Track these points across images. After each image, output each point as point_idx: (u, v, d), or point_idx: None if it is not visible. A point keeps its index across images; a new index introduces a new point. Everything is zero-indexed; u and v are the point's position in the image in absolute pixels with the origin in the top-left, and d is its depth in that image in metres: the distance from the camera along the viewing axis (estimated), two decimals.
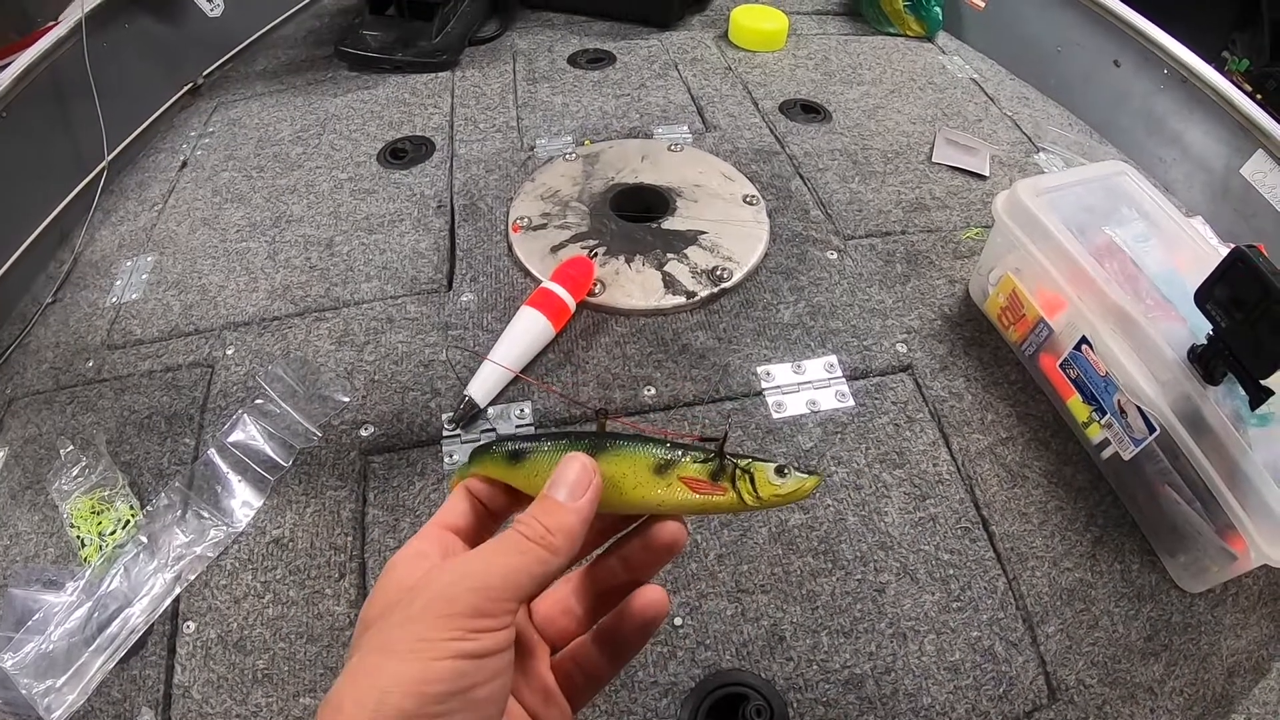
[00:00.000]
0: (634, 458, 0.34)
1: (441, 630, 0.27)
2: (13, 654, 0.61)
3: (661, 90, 1.18)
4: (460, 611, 0.28)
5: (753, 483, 0.34)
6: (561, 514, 0.31)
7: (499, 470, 0.35)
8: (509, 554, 0.30)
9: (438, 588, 0.29)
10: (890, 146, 1.09)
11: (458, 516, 0.35)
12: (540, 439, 0.36)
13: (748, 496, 0.34)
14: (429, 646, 0.27)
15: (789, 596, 0.64)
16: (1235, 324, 0.59)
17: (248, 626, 0.62)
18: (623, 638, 0.36)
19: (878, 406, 0.77)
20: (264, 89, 1.23)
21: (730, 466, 0.34)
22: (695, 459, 0.34)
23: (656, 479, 0.34)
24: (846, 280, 0.88)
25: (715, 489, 0.34)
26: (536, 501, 0.32)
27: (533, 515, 0.31)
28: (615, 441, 0.35)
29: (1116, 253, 0.73)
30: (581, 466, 0.33)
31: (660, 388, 0.77)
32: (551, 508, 0.31)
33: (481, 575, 0.29)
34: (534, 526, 0.31)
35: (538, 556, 0.30)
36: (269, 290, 0.88)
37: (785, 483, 0.34)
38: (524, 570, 0.30)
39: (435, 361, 0.79)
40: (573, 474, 0.32)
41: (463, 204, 0.97)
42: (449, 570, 0.29)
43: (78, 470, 0.72)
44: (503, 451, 0.35)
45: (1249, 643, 0.65)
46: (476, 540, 0.35)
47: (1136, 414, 0.67)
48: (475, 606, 0.28)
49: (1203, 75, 1.02)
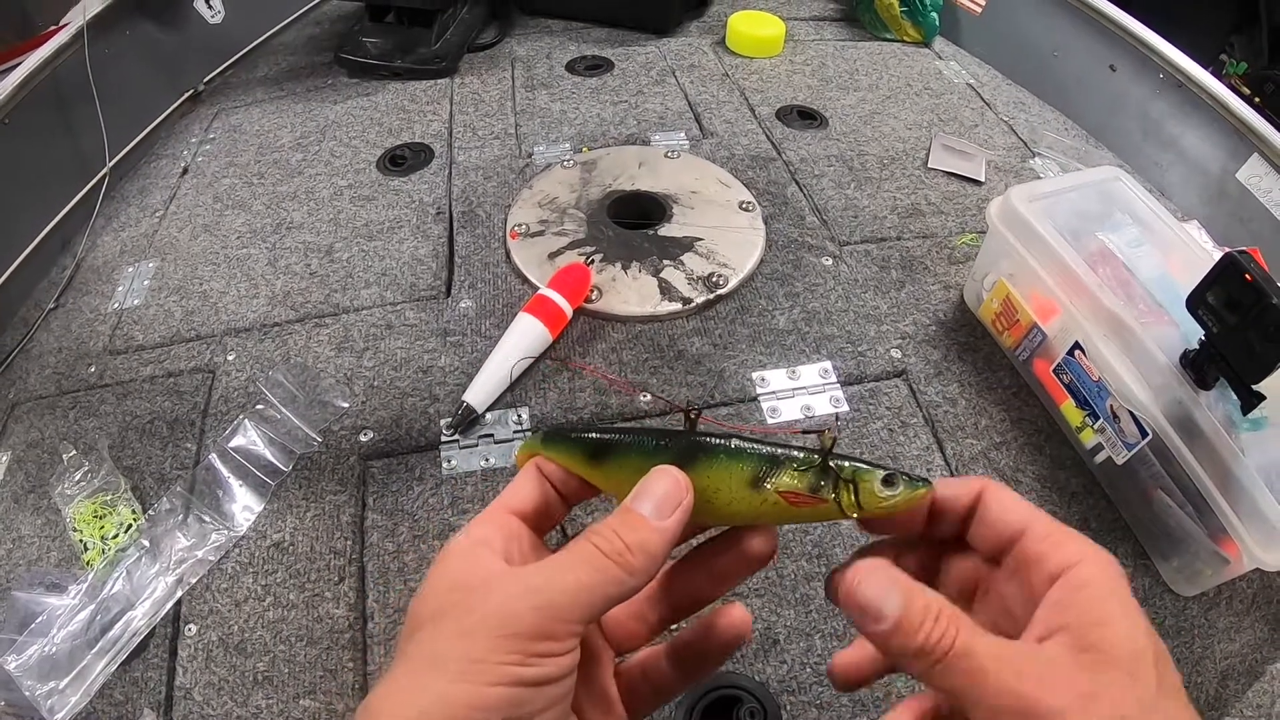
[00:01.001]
0: (728, 469, 0.31)
1: (499, 652, 0.25)
2: (16, 656, 0.61)
3: (659, 97, 1.19)
4: (521, 632, 0.25)
5: (856, 493, 0.31)
6: (645, 532, 0.28)
7: (576, 463, 0.33)
8: (581, 570, 0.27)
9: (498, 601, 0.26)
10: (886, 152, 1.09)
11: (525, 499, 0.32)
12: (626, 433, 0.32)
13: (850, 509, 0.31)
14: (482, 669, 0.25)
15: (783, 600, 0.65)
16: (1227, 329, 0.59)
17: (248, 629, 0.63)
18: (702, 654, 0.33)
19: (872, 412, 0.77)
20: (264, 95, 1.24)
21: (833, 475, 0.31)
22: (796, 466, 0.31)
23: (751, 492, 0.31)
24: (842, 286, 0.89)
25: (815, 500, 0.31)
26: (619, 513, 0.29)
27: (612, 529, 0.28)
28: (708, 447, 0.31)
29: (1110, 258, 0.74)
30: (674, 482, 0.29)
31: (656, 394, 0.78)
32: (635, 523, 0.28)
33: (548, 592, 0.26)
34: (612, 541, 0.28)
35: (613, 576, 0.27)
36: (269, 296, 0.88)
37: (894, 494, 0.31)
38: (596, 590, 0.27)
39: (434, 367, 0.80)
40: (662, 488, 0.29)
41: (461, 211, 0.98)
42: (513, 581, 0.27)
43: (80, 475, 0.73)
44: (585, 444, 0.32)
45: (1242, 646, 0.66)
46: (544, 526, 0.33)
47: (1129, 419, 0.67)
48: (539, 627, 0.26)
49: (1198, 79, 1.02)
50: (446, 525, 0.68)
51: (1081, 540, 0.29)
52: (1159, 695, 0.25)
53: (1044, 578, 0.28)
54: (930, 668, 0.27)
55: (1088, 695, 0.25)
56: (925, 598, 0.28)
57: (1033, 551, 0.29)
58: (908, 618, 0.27)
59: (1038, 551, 0.29)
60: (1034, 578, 0.29)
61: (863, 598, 0.28)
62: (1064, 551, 0.28)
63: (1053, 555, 0.28)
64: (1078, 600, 0.27)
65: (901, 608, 0.27)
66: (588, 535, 0.28)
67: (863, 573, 0.29)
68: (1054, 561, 0.28)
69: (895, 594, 0.28)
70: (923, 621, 0.27)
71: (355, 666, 0.61)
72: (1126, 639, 0.26)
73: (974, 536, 0.32)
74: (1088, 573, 0.28)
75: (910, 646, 0.27)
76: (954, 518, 0.32)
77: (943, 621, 0.27)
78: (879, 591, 0.28)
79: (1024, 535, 0.30)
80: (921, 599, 0.28)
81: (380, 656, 0.62)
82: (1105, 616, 0.26)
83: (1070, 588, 0.27)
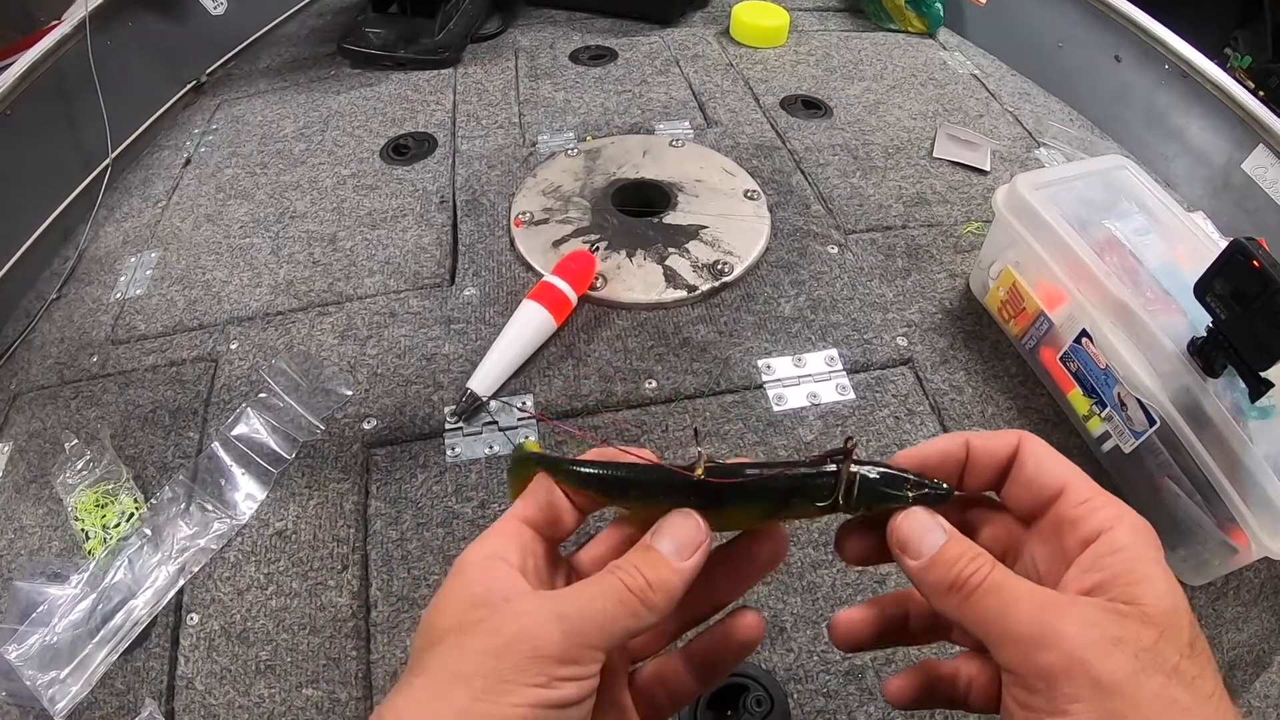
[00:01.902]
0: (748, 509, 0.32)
1: (525, 673, 0.26)
2: (17, 646, 0.61)
3: (663, 86, 1.19)
4: (549, 655, 0.26)
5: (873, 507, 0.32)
6: (666, 572, 0.29)
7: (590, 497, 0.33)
8: (607, 600, 0.28)
9: (527, 624, 0.27)
10: (891, 142, 1.09)
11: (538, 509, 0.32)
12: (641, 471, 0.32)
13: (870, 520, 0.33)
14: (507, 689, 0.25)
15: (789, 588, 0.64)
16: (1235, 317, 0.59)
17: (251, 618, 0.63)
18: (717, 659, 0.34)
19: (878, 399, 0.77)
20: (267, 86, 1.24)
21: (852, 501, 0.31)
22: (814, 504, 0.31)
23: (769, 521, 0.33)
24: (847, 274, 0.89)
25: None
26: (641, 549, 0.30)
27: (635, 565, 0.29)
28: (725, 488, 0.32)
29: (1116, 246, 0.73)
30: (695, 525, 0.31)
31: (661, 381, 0.77)
32: (656, 562, 0.29)
33: (576, 619, 0.27)
34: (636, 578, 0.29)
35: (634, 610, 0.28)
36: (272, 285, 0.88)
37: None
38: (619, 621, 0.28)
39: (438, 355, 0.80)
40: (684, 531, 0.30)
41: (465, 199, 0.98)
42: (541, 605, 0.28)
43: (82, 464, 0.72)
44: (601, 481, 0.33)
45: (1250, 636, 0.66)
46: (558, 537, 0.33)
47: (1137, 407, 0.67)
48: (565, 652, 0.26)
49: (1203, 70, 1.02)
50: (450, 513, 0.68)
51: (1118, 504, 0.29)
52: (1190, 655, 0.25)
53: (1078, 541, 0.29)
54: (962, 602, 0.28)
55: (1114, 639, 0.25)
56: (963, 539, 0.30)
57: (1069, 515, 0.29)
58: (945, 552, 0.29)
59: (1074, 515, 0.29)
60: (1068, 541, 0.29)
61: (906, 532, 0.30)
62: (1101, 515, 0.29)
63: (1089, 519, 0.29)
64: (1113, 562, 0.27)
65: (939, 545, 0.29)
66: (612, 569, 0.29)
67: (906, 513, 0.31)
68: (1090, 525, 0.29)
69: (936, 531, 0.30)
70: (960, 556, 0.28)
71: (358, 655, 0.61)
72: (1162, 597, 0.26)
73: (1008, 495, 0.32)
74: (1124, 536, 0.28)
75: (946, 579, 0.28)
76: (990, 472, 0.32)
77: (980, 559, 0.28)
78: (920, 528, 0.30)
79: (1061, 497, 0.30)
80: (959, 538, 0.30)
81: (383, 645, 0.61)
82: (1141, 576, 0.27)
83: (1106, 550, 0.28)
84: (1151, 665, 0.25)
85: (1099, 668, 0.24)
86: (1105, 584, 0.27)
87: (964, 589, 0.28)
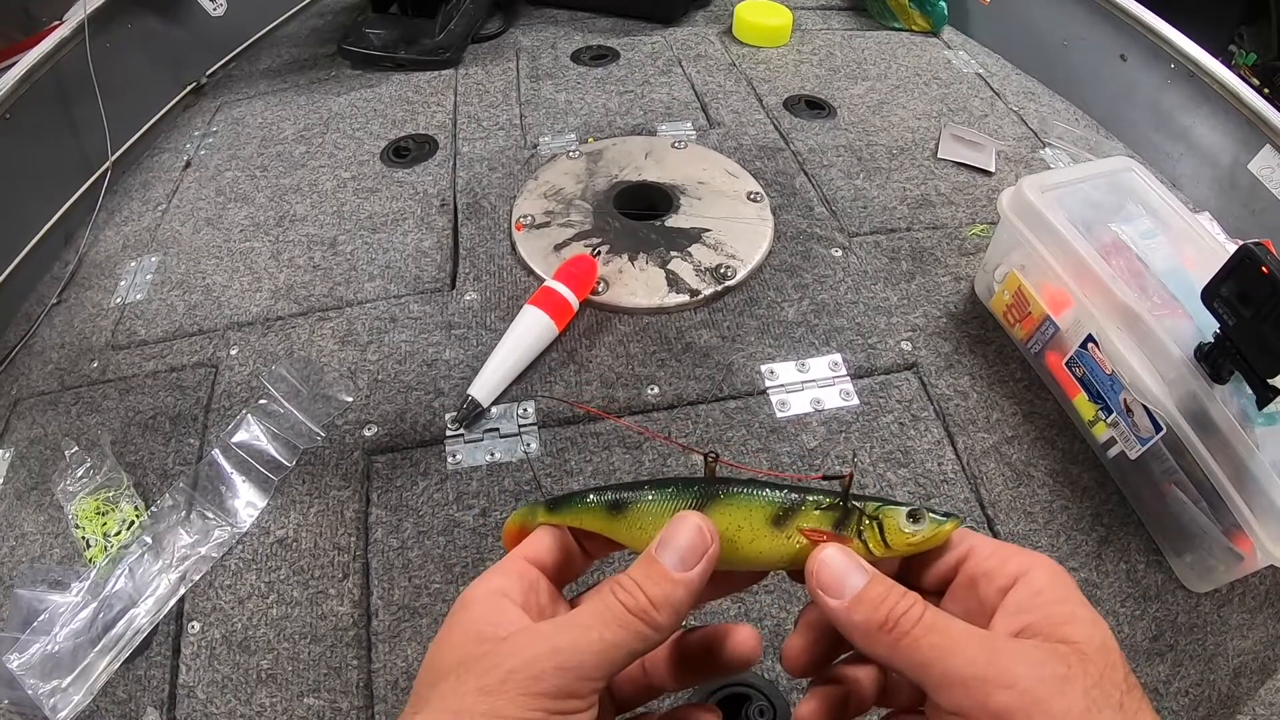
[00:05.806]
0: (749, 507, 0.31)
1: (522, 709, 0.25)
2: (19, 654, 0.61)
3: (665, 87, 1.18)
4: (545, 691, 0.26)
5: (881, 531, 0.31)
6: (668, 586, 0.28)
7: (596, 522, 0.32)
8: (606, 627, 0.27)
9: (523, 660, 0.26)
10: (895, 142, 1.08)
11: (544, 550, 0.32)
12: (643, 486, 0.32)
13: (876, 547, 0.31)
14: None
15: (792, 596, 0.64)
16: (1243, 322, 0.58)
17: (252, 627, 0.63)
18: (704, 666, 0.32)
19: (882, 405, 0.77)
20: (267, 88, 1.23)
21: (856, 513, 0.31)
22: (817, 504, 0.31)
23: (774, 531, 0.31)
24: (851, 278, 0.88)
25: (839, 539, 0.31)
26: (641, 563, 0.29)
27: (635, 582, 0.28)
28: (727, 488, 0.31)
29: (1123, 250, 0.73)
30: (697, 530, 0.29)
31: (664, 386, 0.77)
32: (657, 576, 0.28)
33: (571, 652, 0.26)
34: (637, 597, 0.27)
35: (637, 632, 0.27)
36: (272, 290, 0.88)
37: (919, 529, 0.31)
38: (621, 647, 0.27)
39: (438, 361, 0.79)
40: (685, 538, 0.29)
41: (466, 202, 0.97)
42: (537, 640, 0.27)
43: (83, 471, 0.72)
44: (601, 502, 0.32)
45: (1255, 643, 0.65)
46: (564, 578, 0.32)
47: (1143, 413, 0.66)
48: (562, 687, 0.26)
49: (1210, 69, 1.01)
50: (451, 521, 0.68)
51: (1026, 552, 0.30)
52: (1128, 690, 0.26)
53: (996, 590, 0.29)
54: (895, 643, 0.27)
55: (1063, 678, 0.25)
56: (885, 579, 0.29)
57: (982, 569, 0.30)
58: (869, 591, 0.28)
59: (986, 568, 0.30)
60: (985, 591, 0.29)
61: (826, 575, 0.29)
62: (1014, 563, 0.29)
63: (1003, 568, 0.29)
64: (1037, 603, 0.28)
65: (862, 585, 0.28)
66: (611, 588, 0.28)
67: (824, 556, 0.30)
68: (1005, 573, 0.29)
69: (857, 572, 0.29)
70: (886, 595, 0.28)
71: (359, 664, 0.61)
72: (1093, 635, 0.26)
73: (914, 573, 0.32)
74: (1041, 579, 0.28)
75: (875, 619, 0.27)
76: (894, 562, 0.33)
77: (909, 598, 0.28)
78: (841, 569, 0.29)
79: (969, 557, 0.31)
80: (882, 578, 0.29)
81: (385, 654, 0.61)
82: (1067, 616, 0.27)
83: (1027, 592, 0.28)
84: (1101, 701, 0.25)
85: (1055, 706, 0.25)
86: (1035, 626, 0.27)
87: (895, 630, 0.27)
